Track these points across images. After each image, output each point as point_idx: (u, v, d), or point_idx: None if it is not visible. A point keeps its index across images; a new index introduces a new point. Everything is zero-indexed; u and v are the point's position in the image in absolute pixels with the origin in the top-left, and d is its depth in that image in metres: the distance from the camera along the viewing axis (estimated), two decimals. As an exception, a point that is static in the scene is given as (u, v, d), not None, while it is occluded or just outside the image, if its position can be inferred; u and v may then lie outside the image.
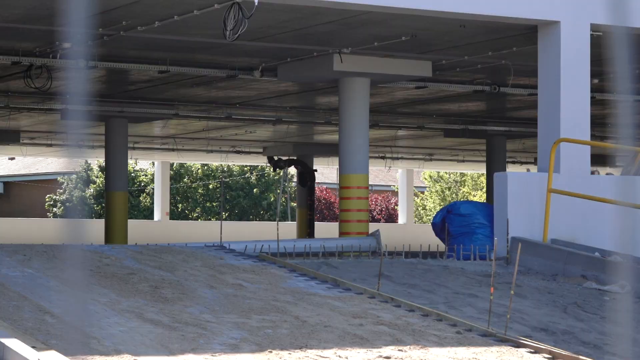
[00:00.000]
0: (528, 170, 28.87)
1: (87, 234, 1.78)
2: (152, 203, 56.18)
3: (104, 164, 38.86)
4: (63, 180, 58.86)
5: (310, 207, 41.60)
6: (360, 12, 19.56)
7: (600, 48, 20.85)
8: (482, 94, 29.39)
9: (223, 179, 60.59)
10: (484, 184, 47.58)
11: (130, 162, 46.35)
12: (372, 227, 26.88)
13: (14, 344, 10.77)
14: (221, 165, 58.64)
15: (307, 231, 39.98)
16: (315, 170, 42.60)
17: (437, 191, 64.87)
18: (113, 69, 26.19)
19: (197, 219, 59.64)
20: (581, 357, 12.63)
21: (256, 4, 18.19)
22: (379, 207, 62.91)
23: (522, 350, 13.00)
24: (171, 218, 54.00)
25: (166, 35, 21.92)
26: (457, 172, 61.23)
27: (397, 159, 48.53)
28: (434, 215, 28.11)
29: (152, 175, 57.09)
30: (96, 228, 38.14)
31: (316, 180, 43.60)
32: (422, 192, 67.23)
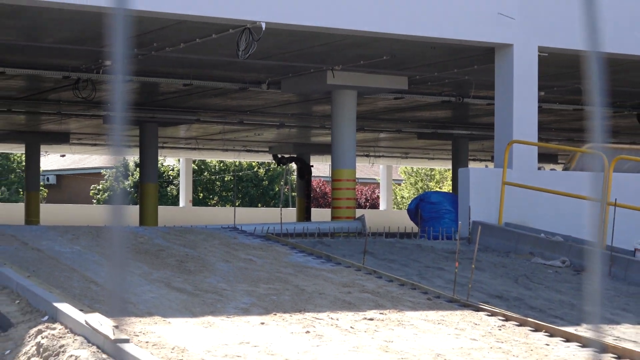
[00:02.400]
0: (486, 166, 28.90)
1: (126, 217, 1.80)
2: (178, 192, 56.13)
3: (138, 160, 38.72)
4: (105, 173, 58.79)
5: (307, 196, 41.53)
6: (348, 36, 19.54)
7: (545, 66, 20.86)
8: (449, 104, 29.36)
9: (236, 173, 60.51)
10: (450, 178, 47.51)
11: (160, 159, 46.25)
12: (359, 212, 26.85)
13: (65, 308, 10.76)
14: (234, 161, 58.55)
15: (305, 216, 39.89)
16: (312, 166, 42.55)
17: (411, 183, 64.83)
18: (146, 82, 26.16)
19: (214, 205, 59.54)
20: (529, 319, 12.63)
21: (263, 29, 18.18)
22: (364, 196, 62.82)
23: (481, 313, 13.00)
24: (193, 205, 53.87)
25: (189, 54, 21.89)
26: (427, 168, 61.12)
27: (379, 156, 48.50)
28: (409, 203, 28.06)
29: (178, 170, 57.01)
30: (132, 213, 38.14)
31: (312, 174, 43.58)
32: (399, 184, 67.15)
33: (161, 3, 17.43)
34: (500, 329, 12.28)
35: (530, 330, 12.28)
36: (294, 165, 42.94)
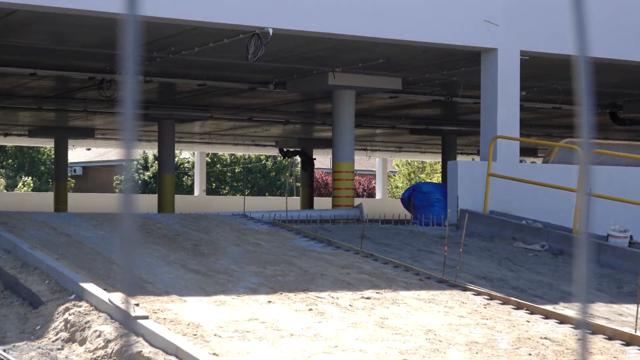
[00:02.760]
0: (473, 159, 28.87)
1: (136, 206, 1.80)
2: (193, 183, 56.16)
3: (157, 153, 38.71)
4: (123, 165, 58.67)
5: (310, 186, 41.54)
6: (348, 40, 19.53)
7: (526, 68, 20.84)
8: (439, 102, 29.36)
9: (245, 165, 60.54)
10: (440, 170, 47.45)
11: (176, 152, 46.22)
12: (357, 201, 26.86)
13: (90, 287, 10.79)
14: (244, 154, 58.55)
15: (308, 204, 39.87)
16: (314, 159, 42.55)
17: (404, 174, 64.76)
18: (164, 82, 26.19)
19: (226, 194, 59.56)
20: (512, 298, 12.64)
21: (270, 34, 18.17)
22: (362, 186, 62.83)
23: (468, 293, 13.02)
24: (207, 194, 53.91)
25: (203, 57, 21.88)
26: (419, 161, 61.09)
27: (375, 150, 48.47)
28: (402, 192, 28.06)
29: (193, 162, 57.01)
30: (151, 201, 38.15)
31: (315, 166, 43.56)
32: (394, 175, 67.12)
33: (177, 10, 17.43)
34: (485, 307, 12.29)
35: (513, 308, 12.30)
36: (298, 158, 42.90)
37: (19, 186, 61.50)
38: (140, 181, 57.45)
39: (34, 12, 16.90)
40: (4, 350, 9.51)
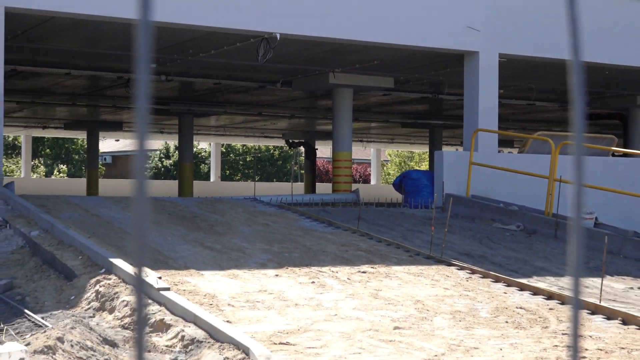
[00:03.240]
0: (457, 149, 28.86)
1: (149, 190, 1.76)
2: (209, 170, 56.18)
3: (177, 144, 38.68)
4: (151, 155, 58.86)
5: (313, 173, 41.51)
6: (346, 44, 19.49)
7: (504, 69, 20.79)
8: (427, 99, 29.35)
9: (255, 155, 60.53)
10: (427, 159, 47.44)
11: (195, 143, 46.15)
12: (354, 186, 26.84)
13: (118, 262, 10.77)
14: (254, 145, 58.55)
15: (310, 189, 39.85)
16: (317, 149, 42.56)
17: (396, 163, 64.73)
18: (183, 81, 26.14)
19: (238, 180, 59.56)
20: (491, 272, 12.63)
21: (278, 38, 18.13)
22: (358, 173, 62.79)
23: (452, 268, 13.01)
24: (221, 180, 53.95)
25: (218, 59, 21.84)
26: (409, 151, 61.06)
27: (370, 141, 48.54)
28: (394, 178, 28.05)
29: (209, 151, 57.02)
30: (172, 186, 38.16)
31: (317, 156, 43.58)
32: (387, 163, 67.07)
33: (196, 17, 17.40)
34: (467, 280, 12.29)
35: (492, 281, 12.29)
36: (302, 148, 42.84)
37: (55, 173, 61.58)
38: (162, 168, 57.45)
39: (69, 18, 16.86)
40: (42, 318, 9.51)
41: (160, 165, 58.09)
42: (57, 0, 16.09)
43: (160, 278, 10.19)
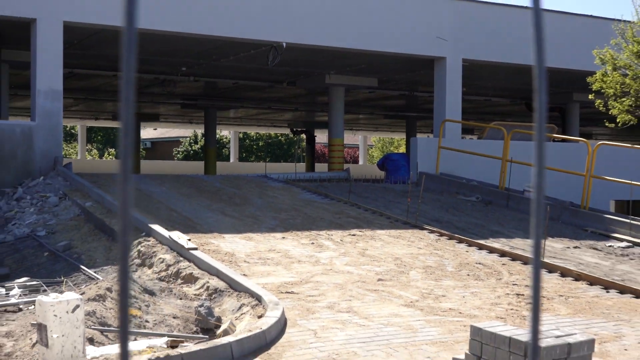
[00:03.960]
0: (428, 136, 28.82)
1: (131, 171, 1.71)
2: (229, 153, 56.11)
3: (203, 132, 38.58)
4: (182, 141, 58.72)
5: (312, 156, 41.46)
6: (339, 51, 19.39)
7: (467, 71, 20.73)
8: (404, 96, 29.26)
9: (266, 140, 60.49)
10: (404, 144, 47.27)
11: (217, 131, 46.02)
12: (345, 166, 26.81)
13: (156, 227, 10.76)
14: (266, 132, 58.45)
15: (310, 168, 39.81)
16: (315, 136, 42.54)
17: (379, 147, 64.59)
18: (208, 81, 26.03)
19: (252, 161, 59.46)
20: (456, 235, 12.63)
21: (284, 46, 18.06)
22: (349, 155, 62.65)
23: (425, 231, 13.00)
24: (239, 161, 53.87)
25: (236, 63, 21.74)
26: (390, 137, 60.94)
27: (359, 130, 48.47)
28: (378, 160, 28.03)
29: (229, 138, 56.96)
30: (199, 166, 38.12)
31: (316, 141, 43.54)
32: (372, 147, 66.97)
33: (217, 29, 17.31)
34: (437, 241, 12.29)
35: (456, 242, 12.30)
36: (304, 135, 42.77)
37: (105, 155, 61.44)
38: (192, 151, 57.28)
39: (115, 30, 16.74)
40: (95, 272, 9.51)
41: (190, 149, 57.94)
42: (105, 16, 16.00)
43: (189, 240, 10.18)
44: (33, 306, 7.48)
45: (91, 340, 6.58)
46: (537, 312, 0.91)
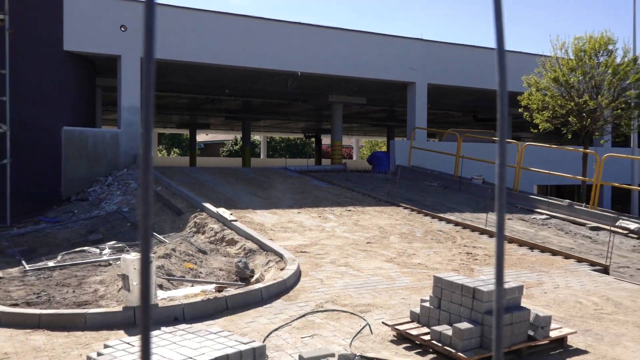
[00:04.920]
0: (403, 139, 28.76)
1: (152, 166, 1.65)
2: (260, 151, 55.92)
3: (242, 136, 38.49)
4: (226, 143, 58.59)
5: (319, 153, 41.30)
6: (339, 78, 19.26)
7: (431, 92, 20.54)
8: (386, 110, 29.08)
9: (286, 142, 60.22)
10: (386, 144, 47.11)
11: (251, 136, 45.89)
12: (343, 161, 26.69)
13: (207, 205, 10.72)
14: (286, 137, 58.26)
15: (318, 162, 39.67)
16: (321, 139, 42.37)
17: (368, 147, 64.30)
18: (243, 100, 25.90)
19: (276, 157, 59.35)
20: (423, 210, 12.55)
21: (299, 75, 17.94)
22: (346, 153, 62.39)
23: (400, 208, 12.92)
24: (267, 157, 53.71)
25: (264, 87, 21.61)
26: (376, 140, 60.71)
27: (353, 134, 48.22)
28: (367, 156, 27.91)
29: (260, 141, 56.79)
30: (238, 161, 37.98)
31: (322, 143, 43.34)
32: (362, 147, 66.69)
33: (250, 62, 17.21)
34: (409, 215, 12.22)
35: (423, 215, 12.22)
36: (313, 139, 42.59)
37: (171, 153, 61.42)
38: (233, 151, 57.15)
39: (176, 63, 16.66)
40: (163, 237, 9.48)
41: (231, 149, 57.84)
42: (170, 52, 15.92)
43: (231, 214, 10.15)
44: (119, 262, 7.47)
45: (160, 286, 6.56)
46: (501, 269, 0.87)
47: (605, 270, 8.64)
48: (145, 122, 0.80)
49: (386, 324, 5.41)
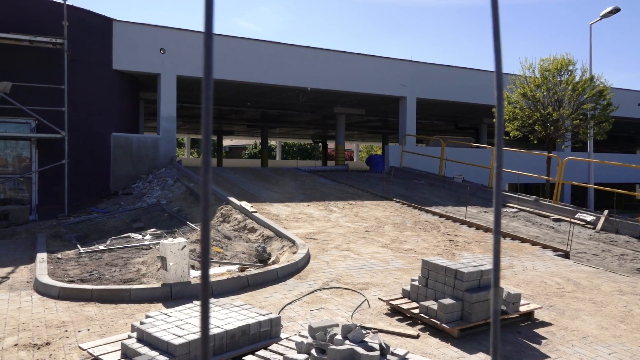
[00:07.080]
0: (396, 144, 28.73)
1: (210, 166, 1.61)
2: (275, 154, 55.86)
3: (260, 141, 38.42)
4: (247, 147, 58.63)
5: (325, 156, 41.20)
6: (342, 92, 19.19)
7: (419, 105, 20.43)
8: (382, 120, 28.96)
9: (298, 147, 60.14)
10: (382, 148, 46.93)
11: (269, 141, 45.84)
12: (346, 162, 26.58)
13: (232, 199, 10.70)
14: (297, 142, 58.11)
15: (324, 164, 39.57)
16: (327, 144, 42.20)
17: (366, 151, 64.13)
18: (262, 111, 25.83)
19: (290, 159, 59.30)
20: (413, 204, 12.48)
21: (309, 90, 17.89)
22: (348, 156, 62.27)
23: (393, 202, 12.85)
24: (282, 159, 53.64)
25: (279, 100, 21.58)
26: (372, 145, 60.52)
27: (354, 140, 48.09)
28: (365, 158, 27.79)
29: (275, 146, 56.72)
30: (257, 162, 37.92)
31: (328, 147, 43.19)
32: (361, 151, 66.48)
33: (268, 79, 17.17)
34: (400, 208, 12.15)
35: (413, 208, 12.15)
36: (320, 144, 42.48)
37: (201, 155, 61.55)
38: (253, 153, 57.20)
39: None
40: (195, 225, 9.47)
41: (252, 152, 57.86)
42: (199, 70, 15.89)
43: (252, 206, 10.13)
44: (158, 246, 7.47)
45: (193, 267, 6.56)
46: (497, 273, 0.83)
47: (566, 255, 8.57)
48: (204, 129, 0.78)
49: (382, 300, 5.39)
